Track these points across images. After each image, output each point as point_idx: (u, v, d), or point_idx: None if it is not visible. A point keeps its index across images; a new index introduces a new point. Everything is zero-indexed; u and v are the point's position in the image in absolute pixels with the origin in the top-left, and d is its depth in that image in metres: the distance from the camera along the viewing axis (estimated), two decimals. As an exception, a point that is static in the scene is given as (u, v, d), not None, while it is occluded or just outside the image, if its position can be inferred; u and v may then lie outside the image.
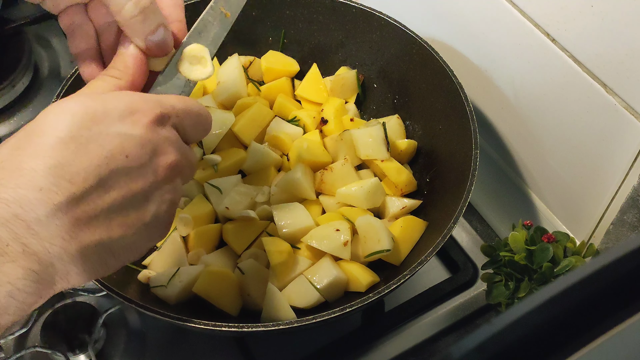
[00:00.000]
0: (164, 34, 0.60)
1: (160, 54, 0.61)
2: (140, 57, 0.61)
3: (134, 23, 0.59)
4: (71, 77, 0.86)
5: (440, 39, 0.96)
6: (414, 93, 0.95)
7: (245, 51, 1.01)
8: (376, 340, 0.90)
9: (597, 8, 0.69)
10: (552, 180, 0.88)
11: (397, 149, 0.91)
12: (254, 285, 0.80)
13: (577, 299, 0.36)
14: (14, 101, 1.15)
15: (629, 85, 0.70)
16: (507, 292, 0.80)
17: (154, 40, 0.60)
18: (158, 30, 0.60)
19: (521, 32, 0.80)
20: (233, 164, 0.90)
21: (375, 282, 0.82)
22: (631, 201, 0.76)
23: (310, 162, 0.89)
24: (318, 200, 0.89)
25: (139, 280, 0.83)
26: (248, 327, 0.69)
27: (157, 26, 0.60)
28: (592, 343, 0.36)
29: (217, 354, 0.89)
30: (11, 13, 1.26)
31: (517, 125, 0.90)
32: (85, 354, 0.86)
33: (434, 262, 0.98)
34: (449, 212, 0.77)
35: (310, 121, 0.94)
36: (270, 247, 0.80)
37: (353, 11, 0.96)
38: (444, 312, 0.93)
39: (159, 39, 0.60)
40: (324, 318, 0.70)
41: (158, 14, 0.60)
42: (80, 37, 0.63)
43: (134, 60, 0.60)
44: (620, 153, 0.75)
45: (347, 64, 1.01)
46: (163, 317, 0.70)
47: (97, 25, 0.63)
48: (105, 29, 0.63)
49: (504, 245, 0.81)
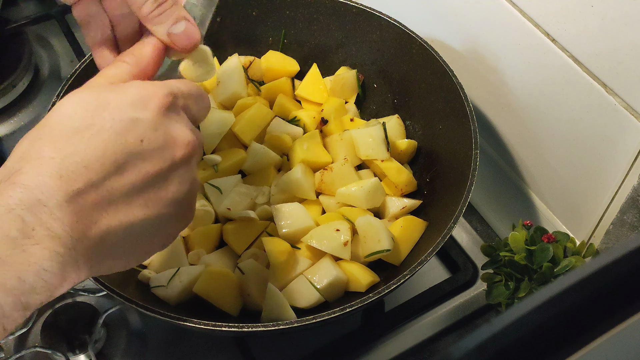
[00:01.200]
0: (185, 26, 0.61)
1: (187, 47, 0.62)
2: (159, 47, 0.62)
3: (153, 18, 0.60)
4: (71, 77, 0.86)
5: (440, 39, 0.96)
6: (414, 93, 0.95)
7: (245, 51, 1.01)
8: (376, 340, 0.90)
9: (597, 8, 0.69)
10: (552, 180, 0.88)
11: (397, 149, 0.91)
12: (254, 285, 0.80)
13: (577, 299, 0.36)
14: (14, 101, 1.15)
15: (629, 85, 0.70)
16: (507, 292, 0.80)
17: (176, 32, 0.61)
18: (179, 22, 0.61)
19: (521, 32, 0.80)
20: (233, 164, 0.90)
21: (375, 282, 0.82)
22: (631, 201, 0.76)
23: (310, 162, 0.89)
24: (318, 200, 0.89)
25: (139, 280, 0.83)
26: (248, 327, 0.69)
27: (178, 19, 0.61)
28: (592, 343, 0.36)
29: (217, 354, 0.89)
30: (11, 13, 1.26)
31: (517, 125, 0.90)
32: (85, 354, 0.86)
33: (434, 262, 0.98)
34: (449, 212, 0.77)
35: (310, 121, 0.94)
36: (270, 247, 0.80)
37: (353, 11, 0.96)
38: (444, 312, 0.93)
39: (181, 30, 0.61)
40: (324, 318, 0.70)
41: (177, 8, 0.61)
42: (95, 28, 0.65)
43: (152, 50, 0.62)
44: (620, 153, 0.75)
45: (347, 64, 1.01)
46: (163, 317, 0.70)
47: (111, 16, 0.65)
48: (120, 19, 0.65)
49: (504, 245, 0.82)
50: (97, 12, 0.64)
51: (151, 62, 0.61)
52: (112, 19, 0.65)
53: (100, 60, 0.65)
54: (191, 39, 0.62)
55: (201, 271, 0.80)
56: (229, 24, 0.99)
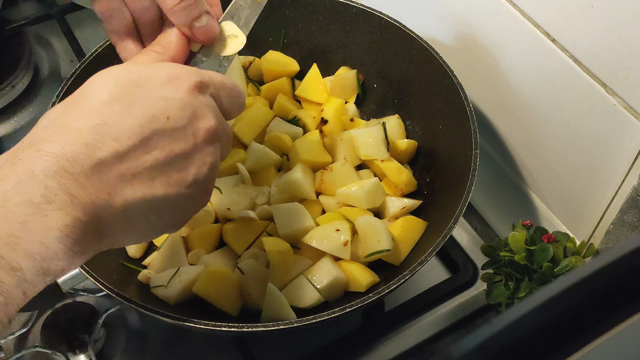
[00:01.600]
0: (207, 20, 0.63)
1: (207, 39, 0.64)
2: (183, 36, 0.64)
3: (177, 11, 0.61)
4: (71, 77, 0.86)
5: (440, 39, 0.96)
6: (414, 93, 0.95)
7: (245, 51, 1.01)
8: (376, 340, 0.90)
9: (597, 8, 0.69)
10: (552, 180, 0.88)
11: (397, 149, 0.91)
12: (254, 285, 0.80)
13: (577, 299, 0.36)
14: (14, 101, 1.15)
15: (629, 85, 0.70)
16: (507, 292, 0.80)
17: (198, 26, 0.63)
18: (202, 17, 0.63)
19: (521, 32, 0.80)
20: (233, 164, 0.90)
21: (375, 282, 0.82)
22: (631, 201, 0.76)
23: (310, 162, 0.89)
24: (318, 200, 0.89)
25: (139, 280, 0.83)
26: (248, 327, 0.69)
27: (201, 13, 0.62)
28: (592, 343, 0.36)
29: (217, 354, 0.89)
30: (11, 13, 1.26)
31: (517, 125, 0.90)
32: (85, 354, 0.86)
33: (434, 262, 0.98)
34: (449, 212, 0.77)
35: (310, 121, 0.94)
36: (270, 247, 0.80)
37: (353, 11, 0.96)
38: (444, 312, 0.93)
39: (203, 24, 0.63)
40: (324, 318, 0.70)
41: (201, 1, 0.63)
42: (117, 21, 0.66)
43: (178, 37, 0.63)
44: (620, 153, 0.75)
45: (347, 64, 1.01)
46: (163, 317, 0.70)
47: (132, 10, 0.66)
48: (141, 13, 0.66)
49: (504, 245, 0.81)
50: (119, 6, 0.65)
51: (179, 49, 0.63)
52: (132, 12, 0.66)
53: (124, 54, 0.67)
54: (211, 32, 0.64)
55: (201, 271, 0.80)
56: (229, 24, 0.99)
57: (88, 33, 1.25)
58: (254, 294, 0.80)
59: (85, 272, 0.72)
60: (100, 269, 0.75)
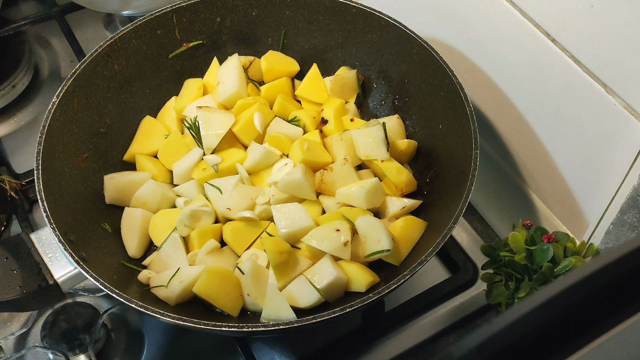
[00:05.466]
0: None
1: None
2: None
3: None
4: (71, 77, 0.86)
5: (440, 39, 0.96)
6: (414, 93, 0.95)
7: (245, 51, 1.01)
8: (376, 340, 0.90)
9: (597, 8, 0.69)
10: (552, 180, 0.88)
11: (397, 149, 0.91)
12: (254, 285, 0.80)
13: (577, 299, 0.36)
14: (14, 101, 1.15)
15: (629, 85, 0.70)
16: (507, 292, 0.80)
17: None
18: None
19: (521, 32, 0.80)
20: (233, 164, 0.90)
21: (375, 282, 0.82)
22: (631, 201, 0.76)
23: (310, 162, 0.89)
24: (318, 200, 0.89)
25: (139, 280, 0.83)
26: (248, 327, 0.69)
27: None
28: (592, 343, 0.36)
29: (217, 354, 0.89)
30: (11, 13, 1.26)
31: (517, 125, 0.90)
32: (85, 354, 0.86)
33: (434, 262, 0.98)
34: (449, 212, 0.77)
35: (310, 121, 0.94)
36: (270, 247, 0.80)
37: (353, 11, 0.96)
38: (444, 312, 0.93)
39: None
40: (324, 318, 0.70)
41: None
42: None
43: None
44: (620, 153, 0.75)
45: (347, 64, 1.01)
46: (163, 317, 0.70)
47: None
48: None
49: (504, 245, 0.81)
50: None
51: None
52: None
53: None
54: None
55: (201, 271, 0.80)
56: (229, 24, 0.99)
57: (88, 33, 1.25)
58: (254, 294, 0.80)
59: (85, 272, 0.72)
60: (101, 269, 0.76)
